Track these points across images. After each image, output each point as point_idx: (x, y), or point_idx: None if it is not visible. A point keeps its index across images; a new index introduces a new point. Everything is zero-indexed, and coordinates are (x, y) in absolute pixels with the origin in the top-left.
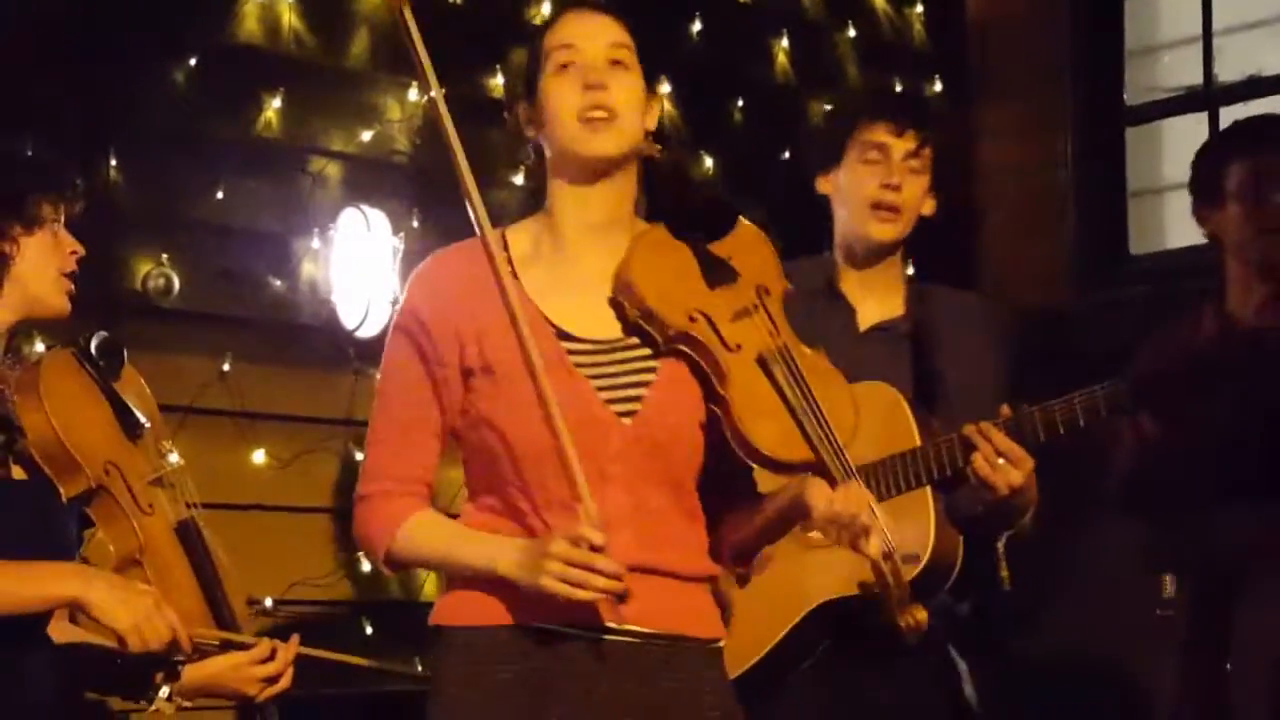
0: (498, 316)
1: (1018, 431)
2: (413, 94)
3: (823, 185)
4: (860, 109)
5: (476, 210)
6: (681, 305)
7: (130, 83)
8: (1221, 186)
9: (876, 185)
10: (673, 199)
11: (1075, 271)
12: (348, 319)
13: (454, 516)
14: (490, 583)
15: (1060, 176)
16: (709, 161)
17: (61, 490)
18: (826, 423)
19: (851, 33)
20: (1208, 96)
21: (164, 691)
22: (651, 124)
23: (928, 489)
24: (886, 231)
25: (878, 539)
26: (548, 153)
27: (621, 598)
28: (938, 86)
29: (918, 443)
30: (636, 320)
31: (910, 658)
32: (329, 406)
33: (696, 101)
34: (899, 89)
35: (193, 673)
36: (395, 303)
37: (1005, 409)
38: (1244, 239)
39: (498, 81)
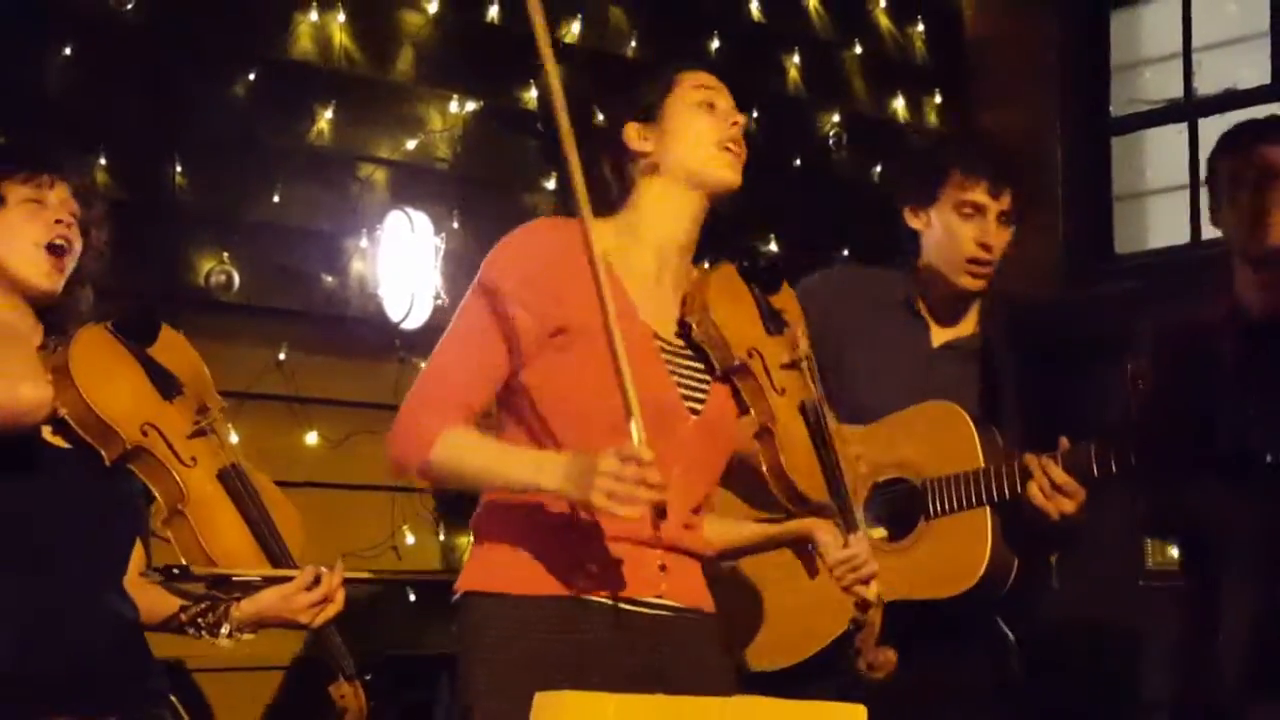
0: (585, 284)
1: (1073, 465)
2: (453, 105)
3: (911, 220)
4: (959, 160)
5: (578, 192)
6: (744, 341)
7: (195, 95)
8: (1215, 187)
9: (973, 243)
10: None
11: (1064, 268)
12: (393, 311)
13: None
14: (530, 551)
15: (1050, 181)
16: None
17: (104, 454)
18: (843, 477)
19: (858, 50)
20: (1187, 109)
21: (224, 628)
22: None
23: (986, 510)
24: (978, 285)
25: (878, 585)
26: (658, 167)
27: (662, 514)
28: (938, 98)
29: (981, 463)
30: (701, 342)
31: (964, 634)
32: (376, 392)
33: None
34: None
35: (246, 606)
36: (437, 297)
37: (1064, 441)
38: (1232, 233)
39: (531, 95)
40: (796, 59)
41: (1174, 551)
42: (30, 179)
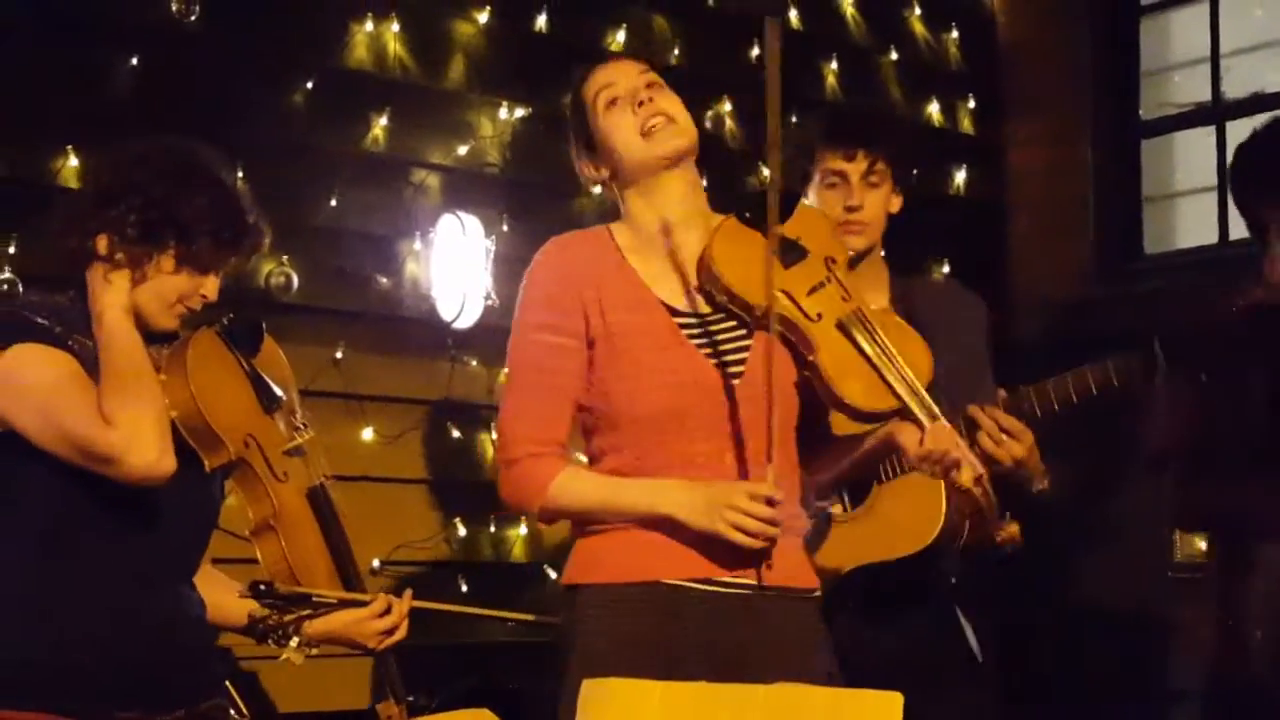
0: (616, 291)
1: (1016, 409)
2: (503, 112)
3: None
4: (818, 138)
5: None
6: (764, 285)
7: (255, 104)
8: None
9: (840, 209)
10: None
11: (1095, 268)
12: (446, 312)
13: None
14: (616, 543)
15: (1082, 183)
16: (766, 171)
17: (206, 462)
18: (906, 371)
19: (894, 56)
20: (1215, 112)
21: (294, 641)
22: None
23: None
24: (857, 242)
25: (969, 469)
26: (619, 178)
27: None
28: (972, 103)
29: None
30: (725, 304)
31: (915, 611)
32: (429, 389)
33: (755, 117)
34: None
35: (318, 625)
36: (488, 298)
37: (1002, 391)
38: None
39: None
40: (834, 65)
41: (1201, 544)
42: (227, 257)
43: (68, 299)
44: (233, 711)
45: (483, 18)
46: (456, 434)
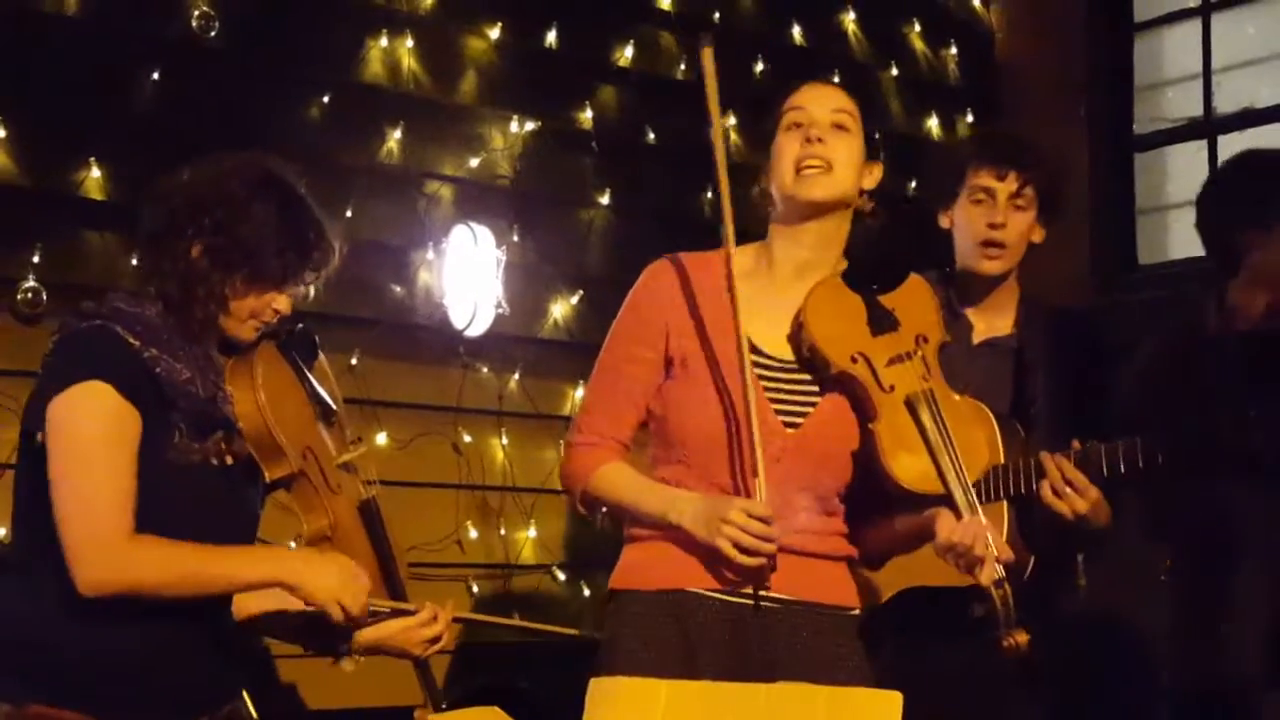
0: (705, 318)
1: (1084, 464)
2: (514, 125)
3: (944, 221)
4: (971, 154)
5: (727, 228)
6: (846, 348)
7: (272, 116)
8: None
9: (984, 225)
10: (861, 254)
11: (1091, 278)
12: (458, 320)
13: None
14: (658, 551)
15: (1077, 195)
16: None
17: (266, 473)
18: (959, 462)
19: (894, 71)
20: (1207, 127)
21: (344, 648)
22: (869, 184)
23: (1004, 503)
24: (994, 266)
25: (989, 569)
26: (775, 198)
27: (772, 569)
28: (970, 118)
29: (1001, 459)
30: (807, 357)
31: (971, 633)
32: (442, 396)
33: (760, 132)
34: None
35: (369, 634)
36: (499, 306)
37: (1076, 443)
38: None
39: (587, 115)
40: (836, 80)
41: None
42: (300, 276)
43: (157, 313)
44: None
45: (494, 33)
46: (468, 439)
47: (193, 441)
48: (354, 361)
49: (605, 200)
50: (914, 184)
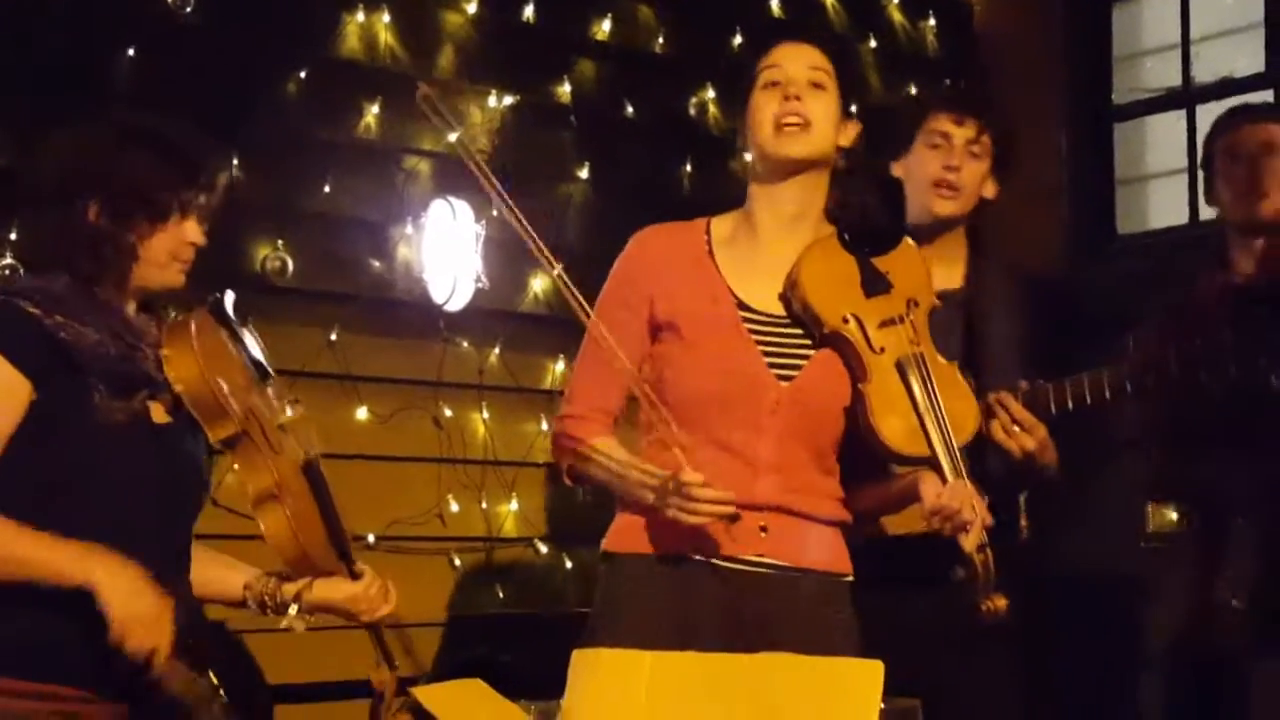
0: (690, 283)
1: (1032, 402)
2: (492, 100)
3: (896, 169)
4: (927, 102)
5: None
6: (839, 308)
7: (250, 93)
8: (1210, 166)
9: (939, 166)
10: (854, 213)
11: (1070, 249)
12: (437, 295)
13: None
14: (648, 515)
15: (1056, 166)
16: (748, 156)
17: (210, 434)
18: (947, 425)
19: (873, 43)
20: (1186, 96)
21: (292, 609)
22: (845, 141)
23: None
24: (947, 207)
25: (975, 535)
26: (751, 158)
27: (733, 519)
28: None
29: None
30: (799, 314)
31: (936, 583)
32: (421, 370)
33: (736, 103)
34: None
35: (318, 593)
36: (478, 281)
37: (1023, 383)
38: (1226, 205)
39: (565, 89)
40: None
41: (1173, 515)
42: (189, 195)
43: (65, 284)
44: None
45: (471, 8)
46: (448, 413)
47: (114, 400)
48: (333, 337)
49: (584, 174)
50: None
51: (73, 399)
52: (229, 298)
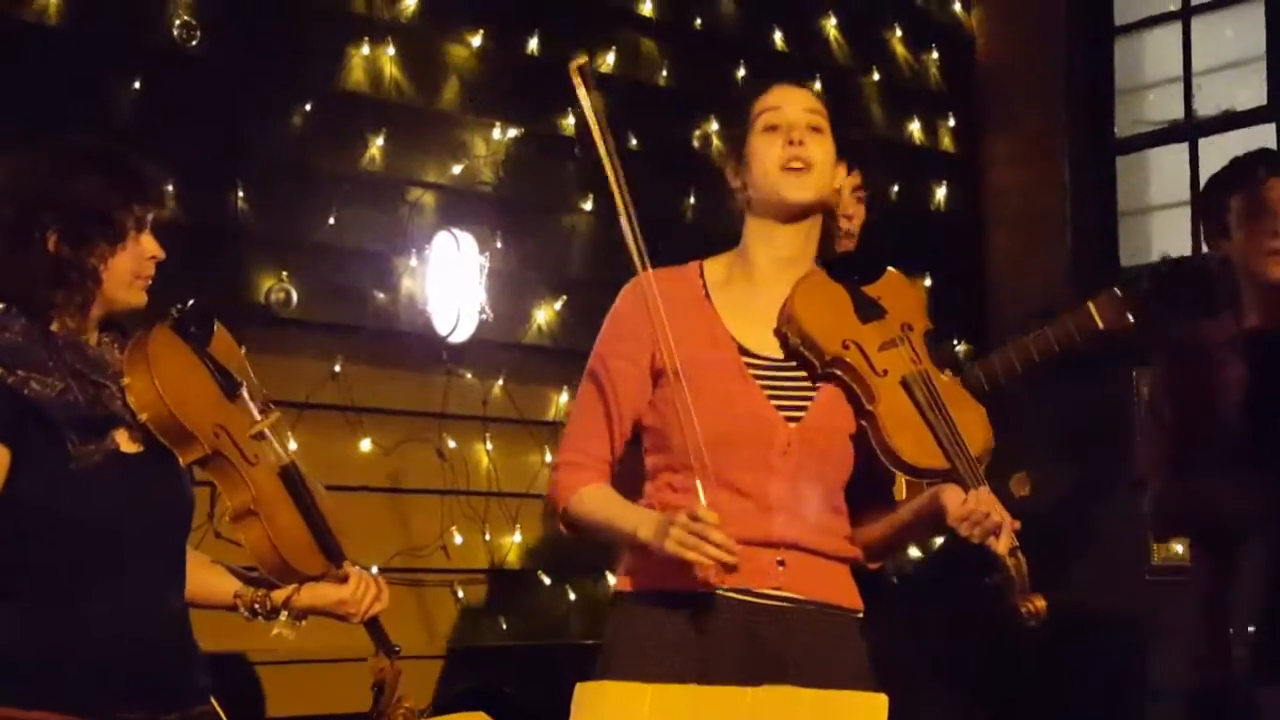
0: (690, 328)
1: (968, 385)
2: (496, 132)
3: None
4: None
5: (636, 253)
6: (837, 335)
7: (255, 126)
8: (1225, 217)
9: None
10: (835, 248)
11: (1072, 280)
12: (441, 327)
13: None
14: (655, 554)
15: (1059, 198)
16: (744, 196)
17: (180, 458)
18: (960, 437)
19: (875, 76)
20: (1188, 129)
21: (283, 615)
22: (838, 183)
23: None
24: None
25: (1007, 537)
26: (749, 200)
27: (730, 568)
28: (951, 122)
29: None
30: (798, 347)
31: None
32: (425, 402)
33: (729, 143)
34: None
35: (305, 596)
36: (482, 312)
37: (948, 372)
38: (1246, 260)
39: (568, 122)
40: (817, 85)
41: (1179, 548)
42: (142, 210)
43: (20, 329)
44: None
45: (476, 40)
46: (452, 444)
47: (87, 445)
48: (337, 368)
49: (588, 206)
50: (896, 188)
51: (48, 451)
52: (190, 308)
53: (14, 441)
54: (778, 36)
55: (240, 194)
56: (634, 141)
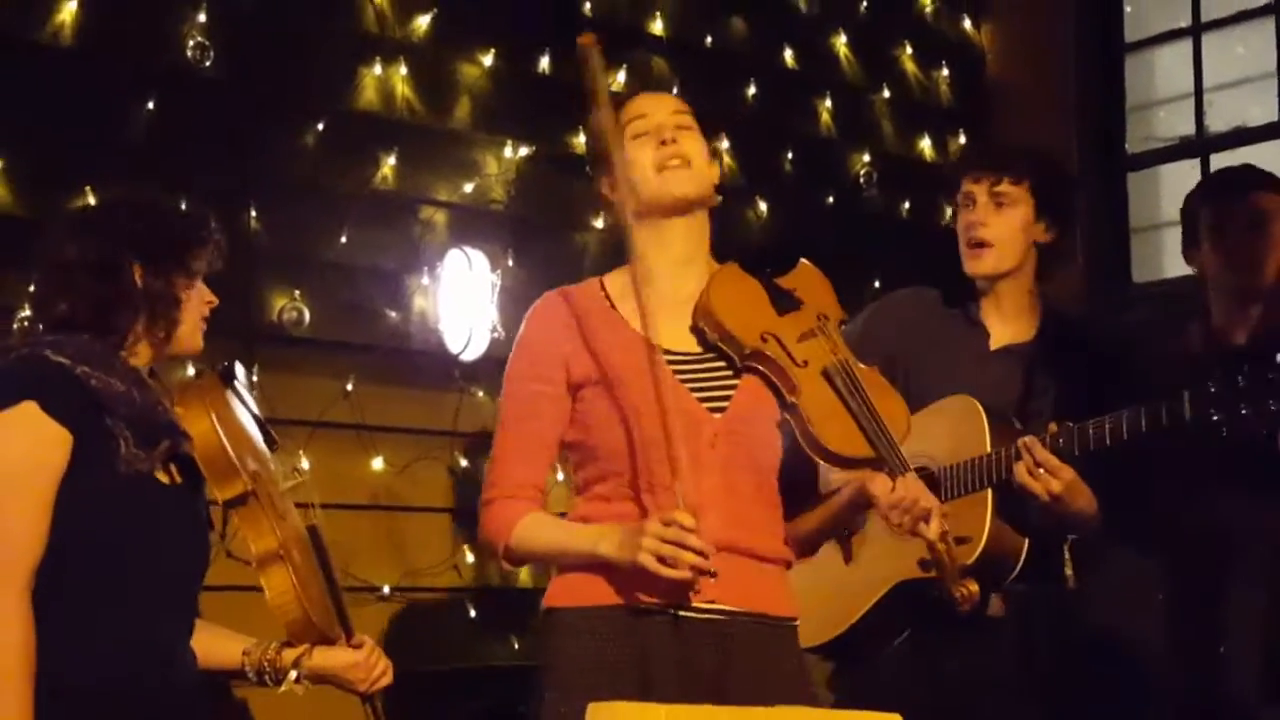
0: (603, 338)
1: (1056, 446)
2: (507, 151)
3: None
4: (955, 167)
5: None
6: (755, 328)
7: (268, 145)
8: (1196, 230)
9: (963, 227)
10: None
11: (1085, 297)
12: (453, 345)
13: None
14: (595, 568)
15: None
16: (763, 205)
17: (219, 493)
18: (884, 425)
19: (886, 94)
20: (1200, 146)
21: (292, 675)
22: (715, 179)
23: (988, 491)
24: (977, 265)
25: (936, 522)
26: (635, 210)
27: (710, 575)
28: (962, 139)
29: (988, 450)
30: (716, 342)
31: (980, 633)
32: (437, 420)
33: (751, 154)
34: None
35: (317, 661)
36: (494, 330)
37: (1052, 425)
38: (1215, 272)
39: (579, 140)
40: (828, 103)
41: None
42: (210, 254)
43: (87, 340)
44: None
45: (487, 60)
46: (464, 463)
47: (139, 450)
48: (350, 387)
49: (599, 224)
50: (907, 204)
51: (100, 446)
52: (238, 368)
53: (77, 429)
54: (788, 55)
55: (253, 213)
56: None
